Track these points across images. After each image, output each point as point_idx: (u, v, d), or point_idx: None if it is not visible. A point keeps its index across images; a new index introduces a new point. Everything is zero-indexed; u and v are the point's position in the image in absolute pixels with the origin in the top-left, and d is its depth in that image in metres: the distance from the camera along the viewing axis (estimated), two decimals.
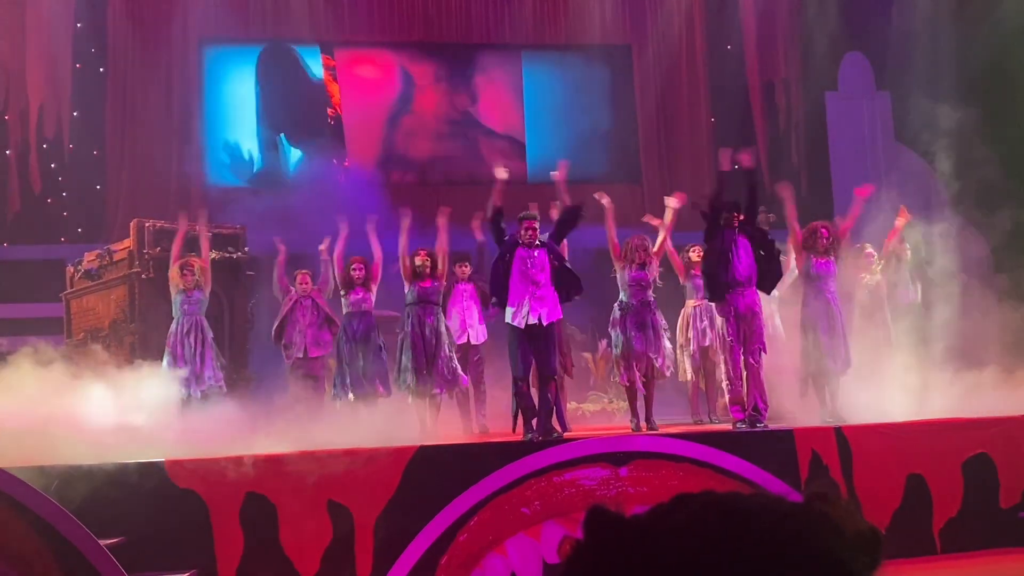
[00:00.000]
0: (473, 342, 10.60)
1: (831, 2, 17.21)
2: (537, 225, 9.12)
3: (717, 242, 9.07)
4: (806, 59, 17.72)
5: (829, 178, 17.34)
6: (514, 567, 7.74)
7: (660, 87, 17.76)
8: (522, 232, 9.04)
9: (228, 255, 12.38)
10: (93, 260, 12.23)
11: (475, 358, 10.67)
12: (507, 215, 9.19)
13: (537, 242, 9.07)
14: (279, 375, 10.94)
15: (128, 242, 11.95)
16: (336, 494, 7.67)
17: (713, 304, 9.45)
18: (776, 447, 8.23)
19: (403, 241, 10.21)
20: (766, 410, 8.89)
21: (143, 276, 11.71)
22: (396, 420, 9.37)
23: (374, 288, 10.32)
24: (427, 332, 9.88)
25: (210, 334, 10.11)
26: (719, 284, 9.01)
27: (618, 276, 9.81)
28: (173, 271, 10.15)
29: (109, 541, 6.82)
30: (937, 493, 8.35)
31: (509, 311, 8.88)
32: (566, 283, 9.10)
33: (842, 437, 8.30)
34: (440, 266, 10.14)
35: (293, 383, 10.45)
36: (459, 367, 10.06)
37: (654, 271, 9.81)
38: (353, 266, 10.28)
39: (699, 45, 17.96)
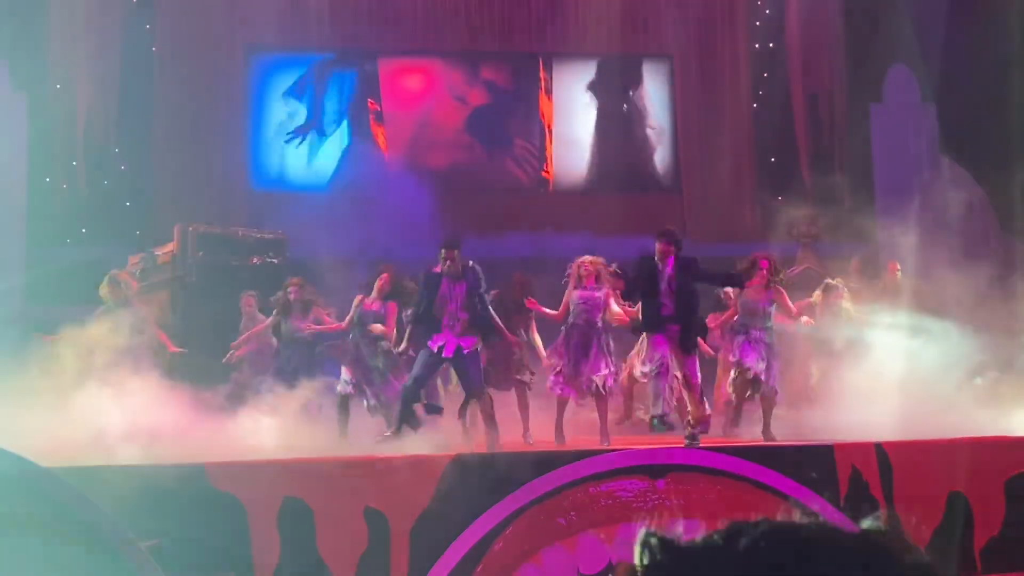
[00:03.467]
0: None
1: (876, 14, 17.08)
2: (457, 254, 8.84)
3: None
4: (851, 71, 17.57)
5: (872, 191, 17.17)
6: None
7: (702, 97, 17.68)
8: (442, 263, 8.86)
9: (271, 260, 12.47)
10: (137, 263, 12.35)
11: None
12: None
13: (460, 272, 8.83)
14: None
15: (172, 246, 12.09)
16: (373, 500, 7.68)
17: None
18: (816, 462, 8.15)
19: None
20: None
21: (186, 280, 11.83)
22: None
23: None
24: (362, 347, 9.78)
25: None
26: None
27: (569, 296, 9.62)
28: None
29: (147, 543, 6.86)
30: (979, 511, 8.23)
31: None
32: (482, 327, 8.97)
33: (883, 453, 8.20)
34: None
35: None
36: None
37: (606, 295, 9.58)
38: (290, 289, 10.31)
39: (742, 56, 17.86)
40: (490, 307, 9.15)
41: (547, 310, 9.74)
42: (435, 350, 8.90)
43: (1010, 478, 8.31)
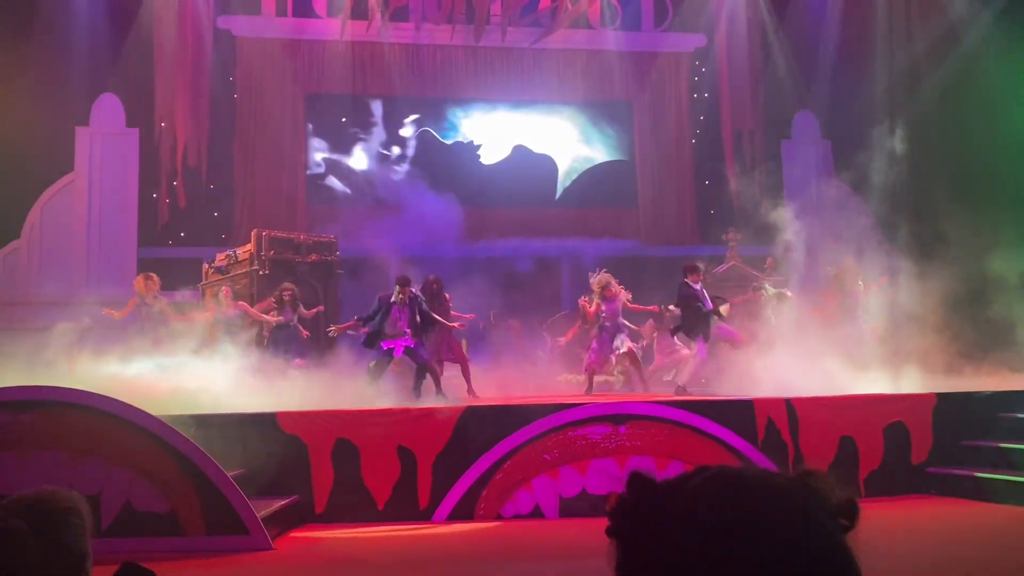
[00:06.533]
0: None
1: (787, 69, 17.14)
2: (407, 290, 9.50)
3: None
4: (767, 113, 17.58)
5: (783, 206, 17.11)
6: (537, 500, 7.77)
7: (654, 135, 17.65)
8: (396, 295, 9.44)
9: (324, 258, 12.49)
10: (223, 259, 12.35)
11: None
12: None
13: (407, 299, 9.44)
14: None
15: (250, 246, 12.08)
16: (404, 440, 7.72)
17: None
18: (740, 413, 8.20)
19: None
20: None
21: (260, 272, 11.83)
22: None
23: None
24: None
25: None
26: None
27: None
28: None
29: (233, 472, 6.90)
30: (863, 451, 8.29)
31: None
32: (424, 326, 9.57)
33: (791, 407, 8.24)
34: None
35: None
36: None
37: (619, 302, 10.36)
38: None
39: (684, 101, 17.83)
40: (429, 313, 9.66)
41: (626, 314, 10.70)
42: (386, 349, 9.45)
43: (887, 425, 8.38)
